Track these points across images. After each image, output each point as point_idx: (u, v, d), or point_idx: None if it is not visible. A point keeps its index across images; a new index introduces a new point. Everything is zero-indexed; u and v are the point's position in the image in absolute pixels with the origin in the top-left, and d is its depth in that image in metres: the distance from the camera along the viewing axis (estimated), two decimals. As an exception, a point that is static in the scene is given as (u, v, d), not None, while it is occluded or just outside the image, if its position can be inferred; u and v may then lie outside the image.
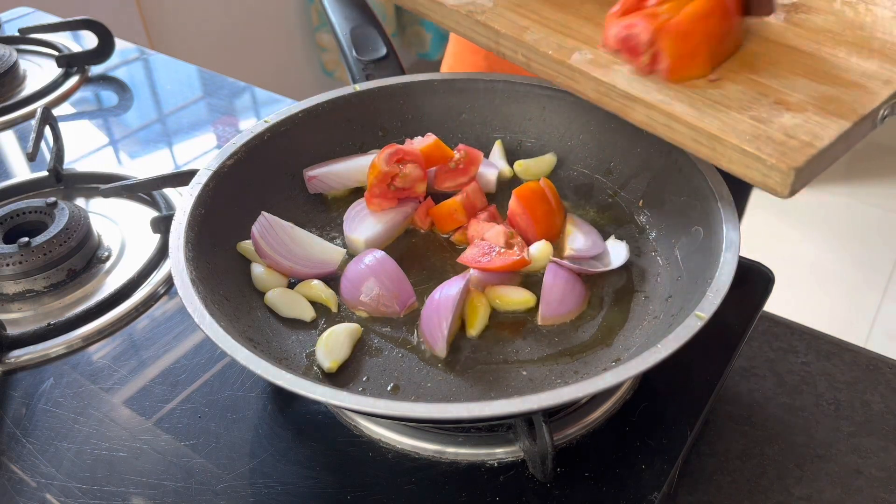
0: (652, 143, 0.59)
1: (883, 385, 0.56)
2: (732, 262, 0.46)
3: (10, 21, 1.17)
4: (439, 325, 0.50)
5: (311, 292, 0.55)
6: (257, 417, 0.52)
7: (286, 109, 0.63)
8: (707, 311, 0.43)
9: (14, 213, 0.68)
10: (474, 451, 0.49)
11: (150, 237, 0.69)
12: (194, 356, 0.58)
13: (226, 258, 0.55)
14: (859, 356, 0.58)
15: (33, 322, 0.62)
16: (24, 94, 0.95)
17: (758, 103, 0.49)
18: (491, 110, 0.67)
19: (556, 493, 0.46)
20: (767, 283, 0.60)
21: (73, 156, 0.84)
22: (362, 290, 0.53)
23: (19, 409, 0.54)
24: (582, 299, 0.54)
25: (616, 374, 0.40)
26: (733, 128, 0.47)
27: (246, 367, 0.41)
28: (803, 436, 0.53)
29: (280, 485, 0.48)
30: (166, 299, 0.64)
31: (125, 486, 0.48)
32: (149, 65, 1.05)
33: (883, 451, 0.52)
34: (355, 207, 0.61)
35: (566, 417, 0.50)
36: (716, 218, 0.50)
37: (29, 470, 0.50)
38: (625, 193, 0.62)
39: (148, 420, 0.53)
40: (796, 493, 0.49)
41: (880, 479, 0.50)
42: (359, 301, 0.53)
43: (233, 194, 0.57)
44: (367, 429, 0.51)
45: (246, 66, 2.21)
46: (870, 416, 0.54)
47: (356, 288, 0.53)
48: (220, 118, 0.91)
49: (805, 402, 0.55)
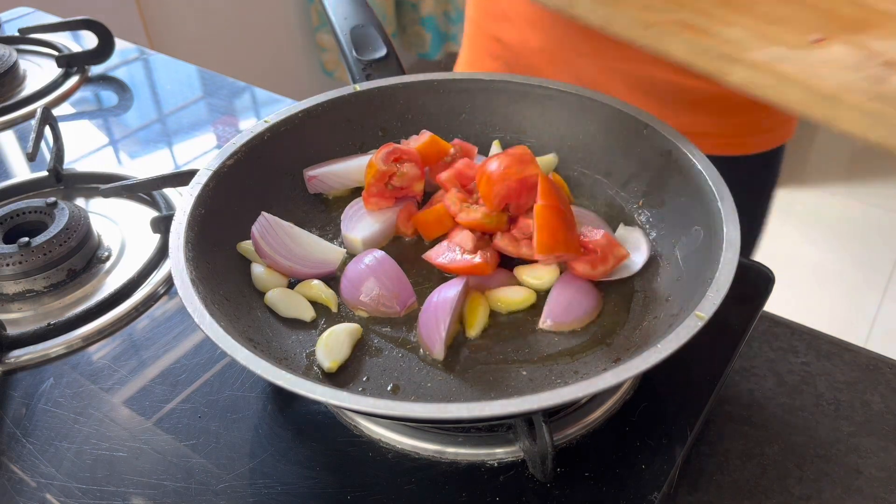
0: (652, 143, 0.59)
1: (883, 385, 0.56)
2: (732, 262, 0.46)
3: (10, 21, 1.17)
4: (437, 327, 0.49)
5: (311, 292, 0.55)
6: (257, 417, 0.52)
7: (286, 109, 0.63)
8: (707, 311, 0.43)
9: (14, 213, 0.68)
10: (474, 451, 0.49)
11: (150, 237, 0.69)
12: (194, 356, 0.58)
13: (226, 258, 0.55)
14: (859, 356, 0.58)
15: (33, 322, 0.62)
16: (24, 94, 0.95)
17: (868, 63, 0.46)
18: (491, 110, 0.67)
19: (556, 493, 0.46)
20: (767, 283, 0.60)
21: (73, 156, 0.84)
22: (362, 290, 0.53)
23: (19, 409, 0.54)
24: (592, 309, 0.53)
25: (616, 374, 0.40)
26: (849, 87, 0.44)
27: (246, 367, 0.41)
28: (803, 436, 0.53)
29: (280, 485, 0.48)
30: (166, 299, 0.64)
31: (125, 486, 0.48)
32: (149, 65, 1.05)
33: (883, 451, 0.52)
34: (353, 207, 0.61)
35: (566, 417, 0.50)
36: (716, 218, 0.50)
37: (29, 470, 0.50)
38: (625, 193, 0.62)
39: (148, 420, 0.53)
40: (796, 493, 0.49)
41: (880, 479, 0.50)
42: (359, 301, 0.53)
43: (233, 194, 0.57)
44: (367, 429, 0.51)
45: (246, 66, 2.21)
46: (870, 416, 0.54)
47: (356, 288, 0.53)
48: (220, 118, 0.91)
49: (805, 402, 0.55)
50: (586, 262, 0.53)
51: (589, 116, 0.63)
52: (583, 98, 0.63)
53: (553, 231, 0.51)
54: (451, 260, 0.54)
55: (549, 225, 0.51)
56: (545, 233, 0.51)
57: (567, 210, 0.53)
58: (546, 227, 0.51)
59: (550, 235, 0.51)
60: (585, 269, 0.53)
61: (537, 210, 0.52)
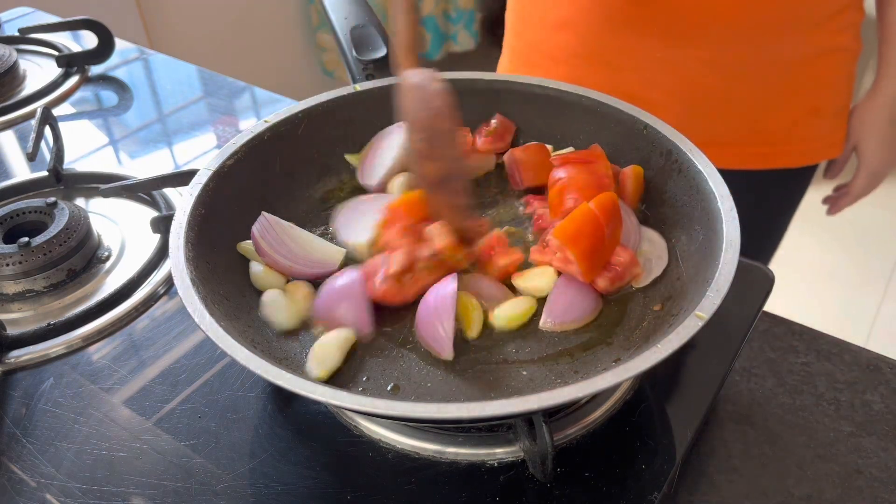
0: (652, 143, 0.59)
1: (883, 385, 0.56)
2: (732, 262, 0.46)
3: (10, 21, 1.17)
4: (441, 328, 0.49)
5: (300, 304, 0.54)
6: (257, 417, 0.52)
7: (286, 109, 0.63)
8: (707, 311, 0.43)
9: (14, 213, 0.68)
10: (474, 451, 0.49)
11: (150, 237, 0.69)
12: (194, 356, 0.58)
13: (226, 258, 0.55)
14: (859, 356, 0.58)
15: (33, 322, 0.62)
16: (24, 94, 0.95)
17: None
18: (491, 110, 0.67)
19: (556, 493, 0.46)
20: (767, 283, 0.60)
21: (73, 156, 0.84)
22: (330, 314, 0.52)
23: (19, 409, 0.54)
24: (591, 310, 0.52)
25: (616, 374, 0.40)
26: None
27: (246, 367, 0.41)
28: (803, 436, 0.53)
29: (280, 485, 0.48)
30: (166, 299, 0.64)
31: (125, 486, 0.48)
32: (148, 65, 1.05)
33: (883, 451, 0.52)
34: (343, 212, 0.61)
35: (566, 417, 0.50)
36: (716, 218, 0.50)
37: (29, 470, 0.50)
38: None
39: (148, 420, 0.53)
40: (796, 493, 0.49)
41: (880, 479, 0.50)
42: (324, 320, 0.52)
43: (233, 194, 0.57)
44: (367, 429, 0.51)
45: (246, 66, 2.21)
46: (870, 416, 0.54)
47: (327, 309, 0.52)
48: (220, 118, 0.91)
49: (805, 402, 0.55)
50: (607, 278, 0.53)
51: (589, 116, 0.63)
52: (583, 98, 0.63)
53: (585, 237, 0.51)
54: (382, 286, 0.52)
55: (585, 232, 0.51)
56: (581, 239, 0.51)
57: (610, 230, 0.52)
58: (582, 234, 0.51)
59: (582, 241, 0.51)
60: (605, 285, 0.53)
61: (583, 209, 0.51)
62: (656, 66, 0.80)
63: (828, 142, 0.89)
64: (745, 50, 0.78)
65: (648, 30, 0.78)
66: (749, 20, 0.76)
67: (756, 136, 0.85)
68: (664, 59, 0.79)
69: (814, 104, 0.84)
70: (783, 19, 0.77)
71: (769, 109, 0.83)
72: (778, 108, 0.83)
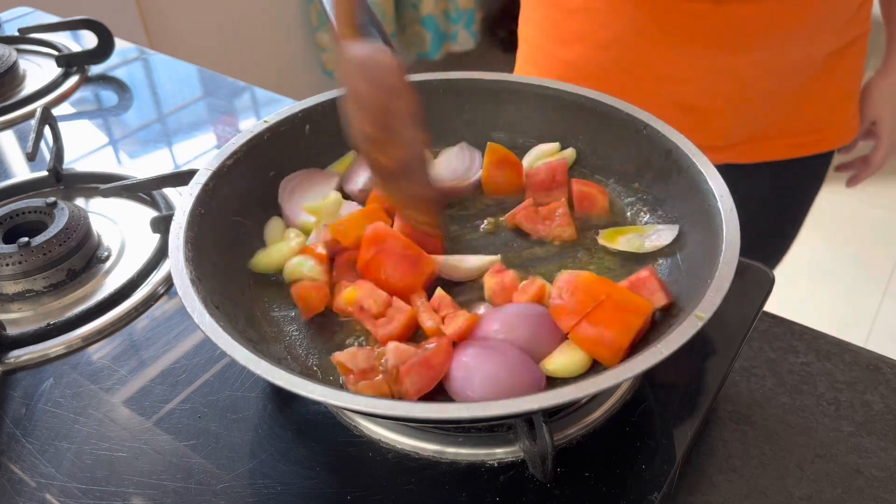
0: (652, 143, 0.59)
1: (883, 385, 0.56)
2: (732, 262, 0.46)
3: (10, 21, 1.17)
4: None
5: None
6: (257, 417, 0.52)
7: (286, 109, 0.63)
8: (707, 311, 0.43)
9: (14, 213, 0.68)
10: (474, 451, 0.49)
11: (150, 237, 0.69)
12: (194, 356, 0.58)
13: (226, 258, 0.55)
14: (859, 356, 0.58)
15: (33, 322, 0.62)
16: (24, 94, 0.95)
17: None
18: (491, 110, 0.67)
19: (556, 493, 0.46)
20: (767, 283, 0.60)
21: (72, 156, 0.84)
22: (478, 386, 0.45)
23: (19, 409, 0.54)
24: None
25: (616, 374, 0.40)
26: None
27: (246, 367, 0.41)
28: (803, 436, 0.53)
29: (280, 485, 0.48)
30: (166, 299, 0.64)
31: (125, 486, 0.48)
32: (148, 65, 1.05)
33: (883, 451, 0.52)
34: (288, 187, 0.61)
35: (566, 417, 0.50)
36: (716, 218, 0.50)
37: (29, 470, 0.50)
38: (625, 193, 0.62)
39: (148, 420, 0.53)
40: (796, 493, 0.49)
41: (880, 479, 0.50)
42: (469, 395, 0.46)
43: (233, 194, 0.57)
44: (367, 429, 0.51)
45: (246, 66, 2.21)
46: (870, 416, 0.54)
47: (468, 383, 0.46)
48: (220, 118, 0.91)
49: (805, 402, 0.55)
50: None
51: (590, 116, 0.63)
52: (583, 98, 0.63)
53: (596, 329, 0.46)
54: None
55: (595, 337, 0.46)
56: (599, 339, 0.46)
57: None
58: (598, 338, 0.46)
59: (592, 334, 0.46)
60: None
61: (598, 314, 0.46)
62: (712, 74, 0.80)
63: (855, 123, 0.93)
64: (793, 48, 0.80)
65: (707, 41, 0.78)
66: (800, 21, 0.78)
67: (795, 127, 0.88)
68: (721, 66, 0.79)
69: (847, 88, 0.89)
70: (828, 15, 0.79)
71: (810, 101, 0.86)
72: (818, 98, 0.86)
